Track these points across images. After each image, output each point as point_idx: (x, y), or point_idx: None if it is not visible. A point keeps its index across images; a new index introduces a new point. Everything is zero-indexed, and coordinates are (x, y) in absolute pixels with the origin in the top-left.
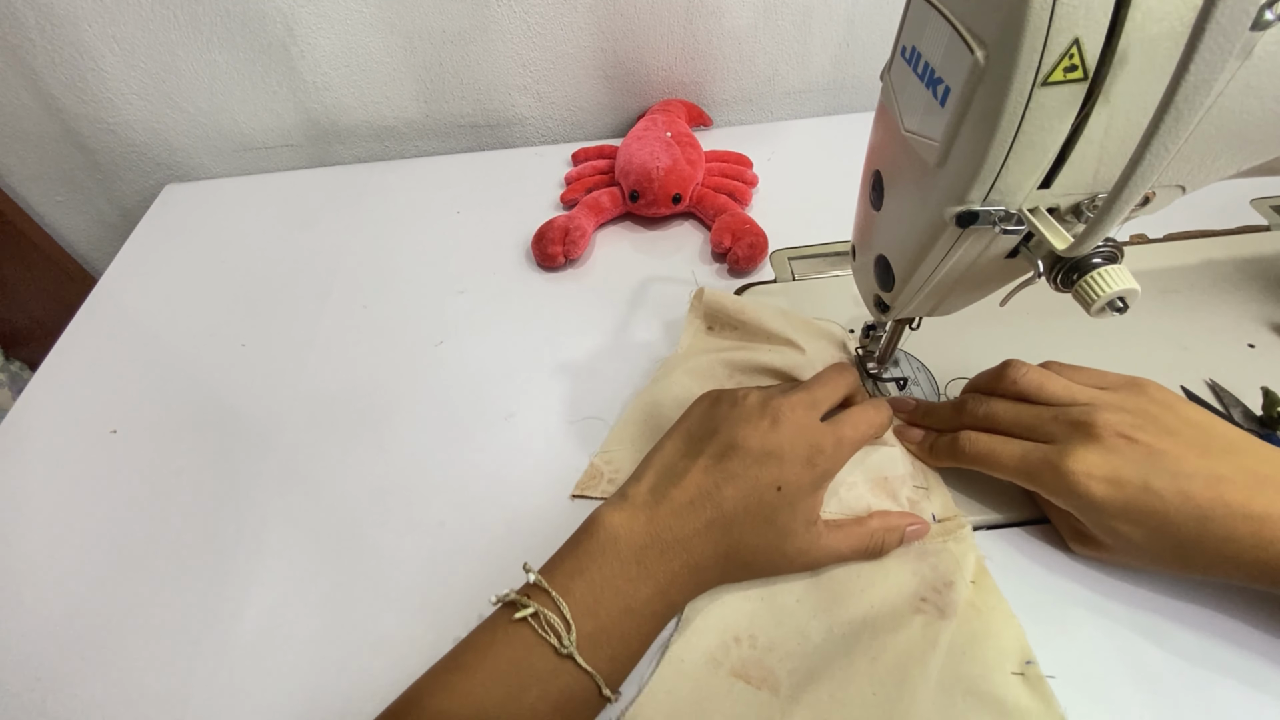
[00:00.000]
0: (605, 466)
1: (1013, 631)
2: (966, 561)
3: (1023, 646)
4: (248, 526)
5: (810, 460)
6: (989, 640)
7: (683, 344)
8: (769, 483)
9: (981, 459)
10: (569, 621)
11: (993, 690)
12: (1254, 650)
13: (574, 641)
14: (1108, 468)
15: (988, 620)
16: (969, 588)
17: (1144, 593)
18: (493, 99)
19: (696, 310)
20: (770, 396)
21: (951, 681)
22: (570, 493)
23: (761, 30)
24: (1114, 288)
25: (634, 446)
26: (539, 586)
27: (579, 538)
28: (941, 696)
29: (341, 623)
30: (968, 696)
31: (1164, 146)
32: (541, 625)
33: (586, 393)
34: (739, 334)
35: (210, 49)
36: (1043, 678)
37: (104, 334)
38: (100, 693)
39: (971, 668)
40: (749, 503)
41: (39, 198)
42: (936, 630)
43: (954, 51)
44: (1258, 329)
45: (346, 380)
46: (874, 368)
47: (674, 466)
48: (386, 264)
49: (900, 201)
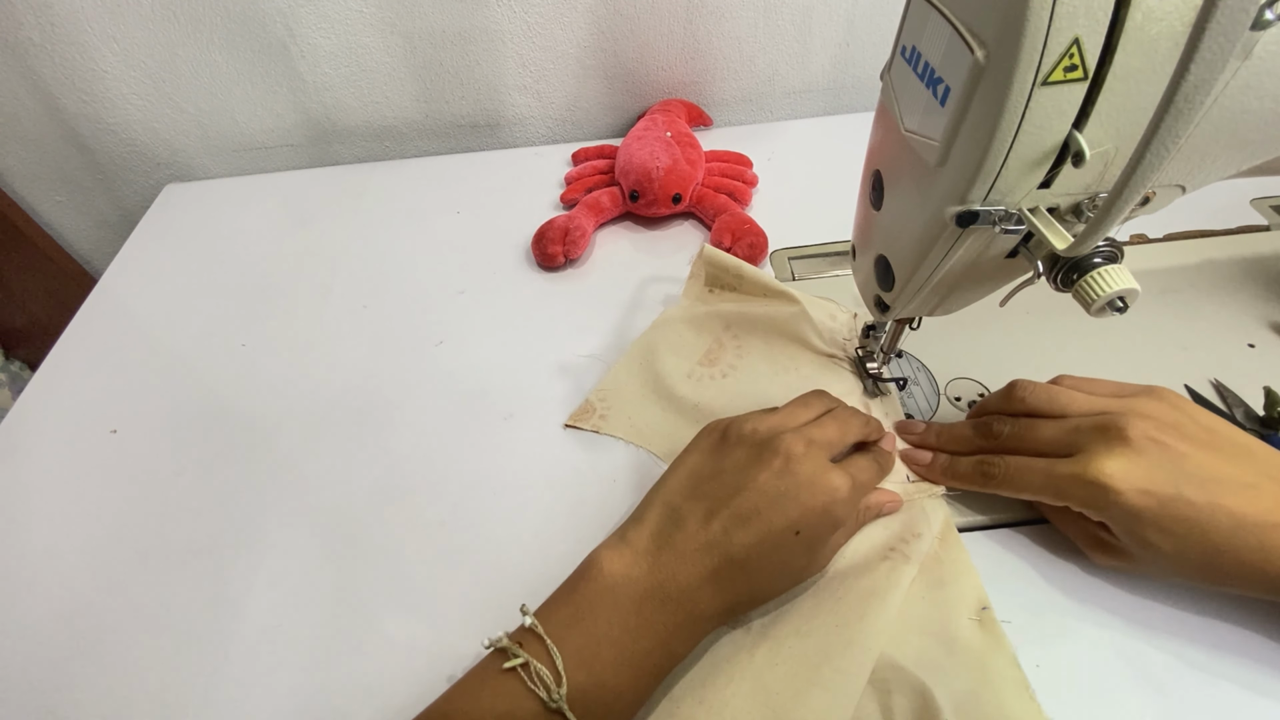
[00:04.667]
0: (599, 403)
1: (971, 581)
2: (936, 518)
3: (980, 595)
4: (248, 526)
5: (827, 509)
6: (948, 588)
7: (684, 299)
8: (785, 527)
9: (1009, 481)
10: (560, 674)
11: (948, 630)
12: (1254, 652)
13: (564, 696)
14: (1139, 473)
15: (948, 570)
16: (935, 542)
17: (1144, 594)
18: (492, 99)
19: (699, 267)
20: (784, 435)
21: (911, 622)
22: (563, 422)
23: (761, 30)
24: (1114, 287)
25: (627, 387)
26: (533, 632)
27: (576, 582)
28: (900, 633)
29: (341, 622)
30: (925, 636)
31: (1164, 146)
32: (531, 677)
33: (586, 393)
34: (736, 295)
35: (210, 49)
36: (996, 621)
37: (104, 334)
38: (101, 693)
39: (930, 611)
40: (764, 549)
41: (39, 198)
42: (901, 573)
43: (954, 51)
44: (1258, 329)
45: (347, 380)
46: (874, 368)
47: (678, 509)
48: (386, 264)
49: (900, 201)
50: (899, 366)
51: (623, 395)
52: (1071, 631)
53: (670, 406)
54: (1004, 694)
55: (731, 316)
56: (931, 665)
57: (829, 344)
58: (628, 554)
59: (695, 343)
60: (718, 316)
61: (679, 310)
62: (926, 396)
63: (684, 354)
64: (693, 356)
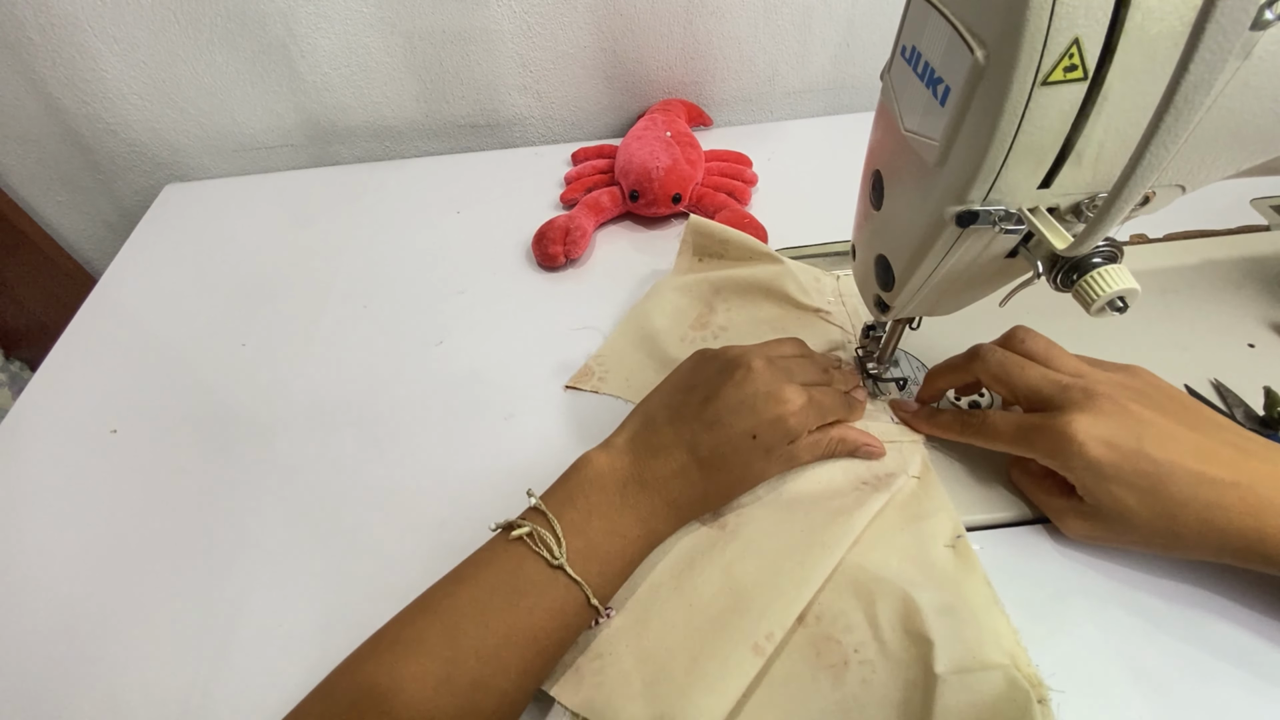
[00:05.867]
0: (597, 367)
1: (947, 514)
2: (914, 460)
3: (955, 526)
4: (247, 526)
5: (780, 417)
6: (926, 520)
7: (674, 270)
8: (743, 431)
9: (984, 431)
10: (560, 538)
11: (926, 556)
12: (1253, 651)
13: (564, 555)
14: (1102, 428)
15: (926, 505)
16: (915, 482)
17: (1144, 593)
18: (493, 99)
19: (687, 240)
20: (749, 352)
21: (892, 550)
22: (564, 384)
23: (761, 30)
24: (1114, 287)
25: (624, 351)
26: (535, 510)
27: (568, 476)
28: (882, 558)
29: (341, 622)
30: (905, 561)
31: (1164, 146)
32: (535, 541)
33: (586, 392)
34: (723, 261)
35: (210, 49)
36: (970, 547)
37: (104, 334)
38: (100, 692)
39: (909, 540)
40: (726, 449)
41: (39, 198)
42: (870, 500)
43: (954, 51)
44: (1258, 329)
45: (346, 380)
46: (874, 368)
47: (656, 416)
48: (386, 264)
49: (900, 201)
50: (899, 366)
51: (620, 359)
52: (1071, 631)
53: (665, 368)
54: (976, 606)
55: (719, 282)
56: (912, 582)
57: (814, 297)
58: (612, 452)
59: (687, 309)
60: (706, 283)
61: (670, 280)
62: None
63: (676, 319)
64: (684, 321)
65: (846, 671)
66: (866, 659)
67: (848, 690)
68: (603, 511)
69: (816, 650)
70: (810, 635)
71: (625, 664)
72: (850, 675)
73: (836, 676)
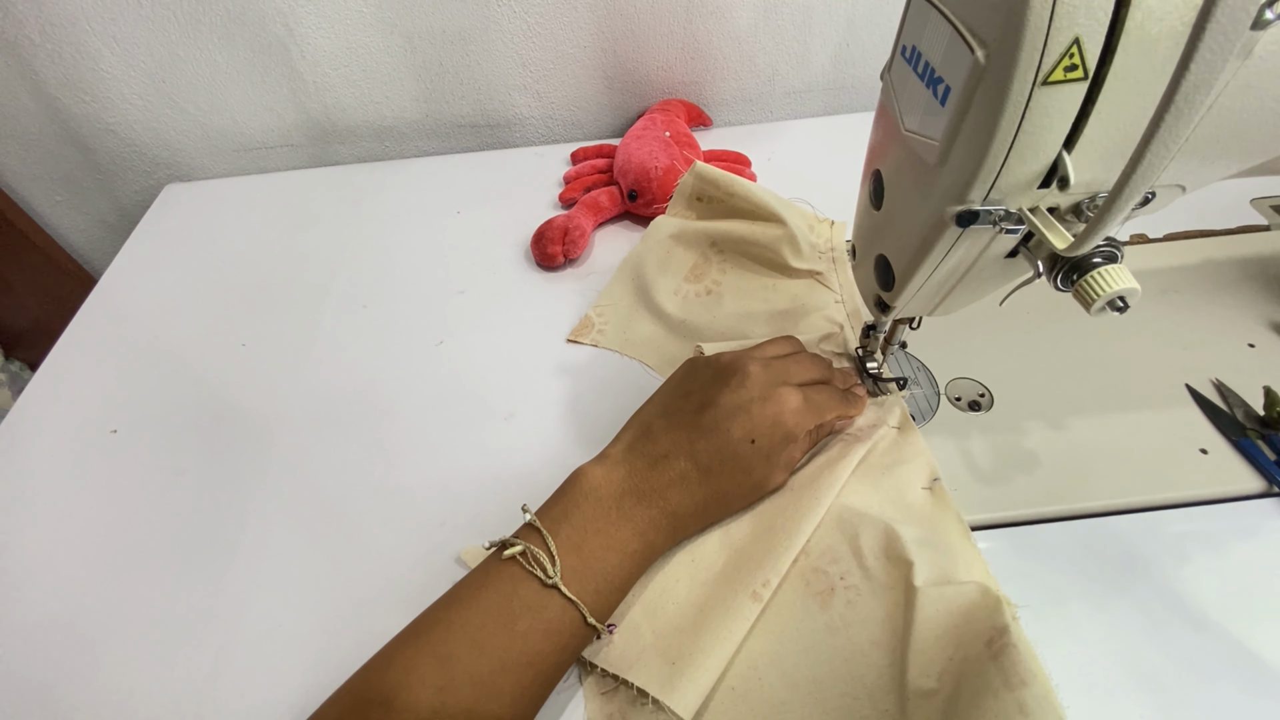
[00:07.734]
0: (597, 318)
1: (925, 459)
2: (894, 412)
3: (933, 469)
4: (248, 526)
5: (777, 419)
6: (906, 465)
7: (672, 209)
8: (741, 436)
9: None
10: (554, 555)
11: (905, 497)
12: (1253, 652)
13: (559, 573)
14: None
15: (906, 452)
16: (892, 432)
17: (1144, 594)
18: (493, 99)
19: (687, 180)
20: (743, 358)
21: (873, 493)
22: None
23: (761, 30)
24: (1114, 287)
25: (622, 300)
26: (530, 526)
27: (563, 490)
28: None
29: (342, 622)
30: (886, 502)
31: (1164, 146)
32: (529, 560)
33: (586, 392)
34: (725, 208)
35: (210, 49)
36: (945, 490)
37: (104, 334)
38: (100, 692)
39: (890, 483)
40: (723, 455)
41: (39, 198)
42: (854, 448)
43: (954, 51)
44: (1258, 329)
45: (346, 380)
46: (874, 367)
47: (651, 425)
48: (386, 264)
49: (900, 201)
50: (899, 366)
51: (618, 309)
52: (1072, 631)
53: (660, 321)
54: (951, 539)
55: (716, 234)
56: (893, 519)
57: (808, 260)
58: (607, 464)
59: (682, 258)
60: (704, 234)
61: (666, 223)
62: (926, 396)
63: (670, 269)
64: (679, 272)
65: (833, 597)
66: (852, 584)
67: (835, 612)
68: (598, 527)
69: (805, 581)
70: (799, 569)
71: (635, 618)
72: (836, 599)
73: (824, 602)
